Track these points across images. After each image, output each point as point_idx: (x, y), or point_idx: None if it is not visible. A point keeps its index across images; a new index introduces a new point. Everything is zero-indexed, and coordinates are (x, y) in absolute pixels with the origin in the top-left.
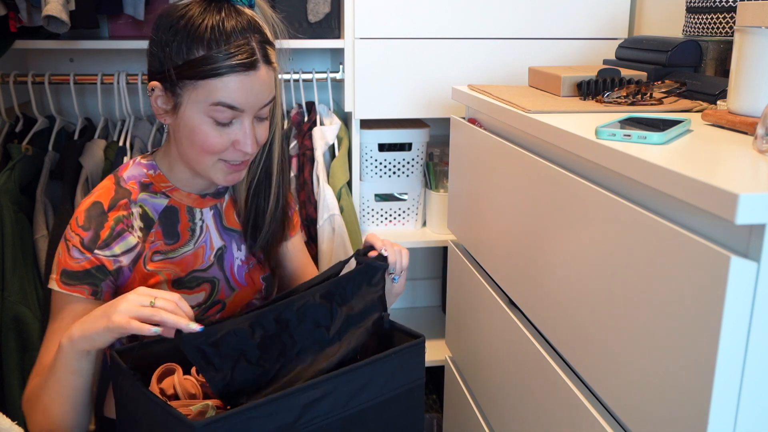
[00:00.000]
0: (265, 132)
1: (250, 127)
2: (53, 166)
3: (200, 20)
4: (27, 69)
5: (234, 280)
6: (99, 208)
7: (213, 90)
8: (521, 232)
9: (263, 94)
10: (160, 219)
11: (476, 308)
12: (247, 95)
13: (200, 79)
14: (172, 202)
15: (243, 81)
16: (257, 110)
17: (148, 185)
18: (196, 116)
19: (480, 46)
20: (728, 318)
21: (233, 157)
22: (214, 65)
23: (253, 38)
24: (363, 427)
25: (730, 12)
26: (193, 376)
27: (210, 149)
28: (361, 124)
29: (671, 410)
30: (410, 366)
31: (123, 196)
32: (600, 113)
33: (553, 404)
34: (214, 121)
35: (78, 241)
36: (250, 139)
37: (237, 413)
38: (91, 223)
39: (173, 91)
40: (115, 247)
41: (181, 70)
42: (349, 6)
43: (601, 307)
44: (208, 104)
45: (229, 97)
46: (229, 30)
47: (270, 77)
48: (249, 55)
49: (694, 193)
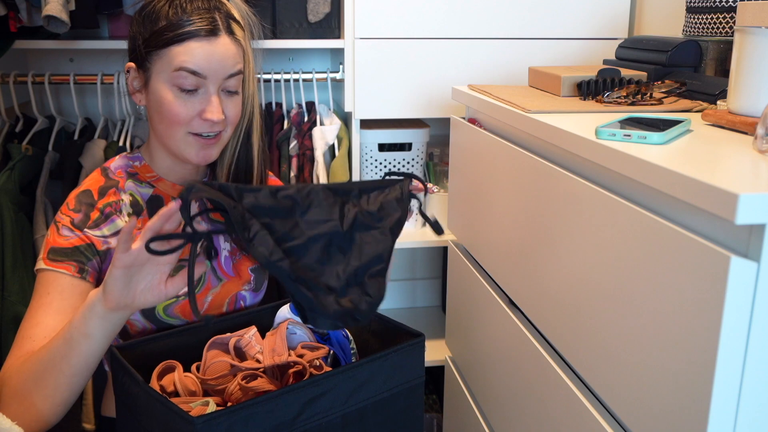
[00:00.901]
0: (236, 108)
1: (215, 95)
2: (53, 166)
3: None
4: (27, 69)
5: (221, 270)
6: (89, 194)
7: (175, 56)
8: (521, 232)
9: (226, 62)
10: (147, 207)
11: (476, 308)
12: (209, 61)
13: (163, 47)
14: (157, 191)
15: (204, 47)
16: (222, 80)
17: (134, 174)
18: (162, 87)
19: (480, 46)
20: (728, 318)
21: (201, 129)
22: (175, 31)
23: (217, 12)
24: (363, 424)
25: (730, 12)
26: (194, 373)
27: (176, 119)
28: (361, 124)
29: (671, 410)
30: (410, 364)
31: (111, 185)
32: (600, 113)
33: (553, 404)
34: (179, 88)
35: (68, 221)
36: (215, 107)
37: (237, 409)
38: (81, 206)
39: (144, 67)
40: (104, 228)
41: (147, 43)
42: (349, 6)
43: (601, 307)
44: (171, 71)
45: (191, 62)
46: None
47: (233, 49)
48: (209, 22)
49: (694, 193)
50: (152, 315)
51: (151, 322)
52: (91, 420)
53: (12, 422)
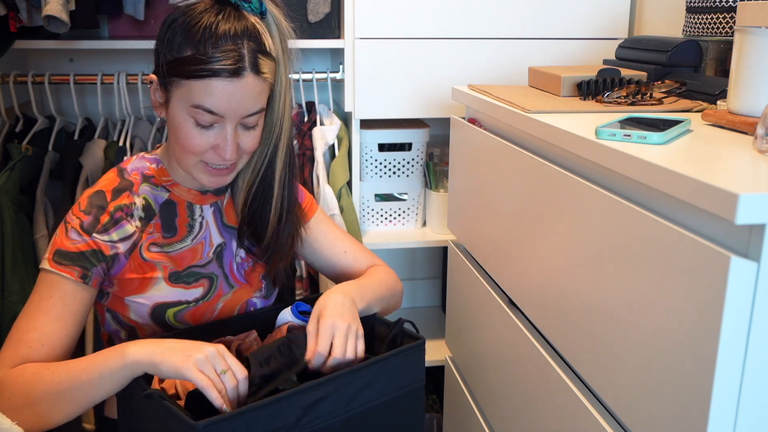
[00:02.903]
0: (253, 141)
1: (231, 134)
2: (53, 166)
3: (197, 20)
4: (27, 69)
5: (233, 277)
6: (102, 196)
7: (195, 91)
8: (521, 232)
9: (247, 102)
10: (161, 212)
11: (476, 308)
12: (229, 102)
13: (185, 78)
14: (172, 196)
15: (225, 87)
16: (241, 118)
17: (150, 177)
18: (180, 114)
19: (480, 46)
20: (728, 318)
21: (213, 161)
22: (198, 66)
23: (246, 45)
24: (364, 427)
25: (730, 12)
26: None
27: (189, 149)
28: (361, 124)
29: (671, 410)
30: (411, 367)
31: (126, 186)
32: (600, 113)
33: (553, 404)
34: (196, 122)
35: (78, 223)
36: (229, 145)
37: (239, 414)
38: (92, 209)
39: (165, 86)
40: (113, 233)
41: (170, 67)
42: (349, 6)
43: (601, 306)
44: (189, 105)
45: (209, 101)
46: (220, 33)
47: (258, 87)
48: (235, 61)
49: (694, 193)
50: (162, 320)
51: (161, 327)
52: (92, 420)
53: (12, 422)
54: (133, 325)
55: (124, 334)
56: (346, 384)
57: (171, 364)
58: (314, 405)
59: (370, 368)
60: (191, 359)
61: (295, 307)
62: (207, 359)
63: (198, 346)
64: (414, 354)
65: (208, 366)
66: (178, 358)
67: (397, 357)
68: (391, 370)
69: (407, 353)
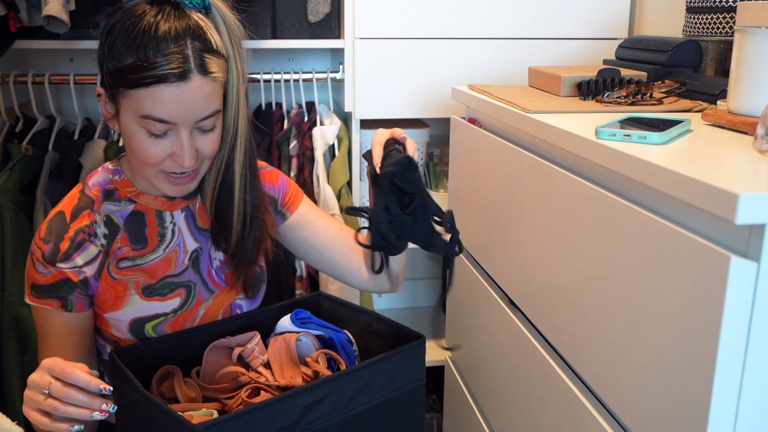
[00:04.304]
0: (212, 144)
1: (187, 140)
2: (53, 166)
3: (135, 24)
4: (27, 69)
5: (212, 282)
6: (61, 218)
7: (142, 100)
8: (521, 232)
9: (197, 106)
10: (126, 225)
11: (476, 308)
12: (178, 108)
13: (129, 87)
14: (138, 207)
15: (172, 92)
16: (195, 123)
17: (112, 192)
18: (131, 125)
19: (480, 46)
20: (728, 318)
21: (173, 169)
22: (141, 74)
23: (190, 45)
24: (364, 427)
25: (730, 12)
26: (193, 379)
27: (146, 160)
28: (361, 124)
29: (671, 410)
30: (411, 366)
31: (86, 205)
32: (600, 113)
33: (553, 404)
34: (148, 132)
35: (40, 255)
36: (186, 152)
37: (238, 415)
38: (51, 236)
39: (112, 98)
40: (77, 258)
41: (113, 77)
42: (349, 6)
43: (600, 306)
44: (139, 115)
45: (158, 110)
46: (161, 35)
47: (208, 88)
48: (180, 63)
49: (694, 193)
50: (142, 335)
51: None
52: None
53: (12, 422)
54: (117, 340)
55: (109, 348)
56: (345, 384)
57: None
58: (314, 405)
59: (370, 368)
60: (25, 404)
61: (294, 315)
62: (29, 393)
63: (29, 382)
64: (414, 353)
65: (33, 401)
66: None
67: (397, 356)
68: (391, 369)
69: (407, 352)
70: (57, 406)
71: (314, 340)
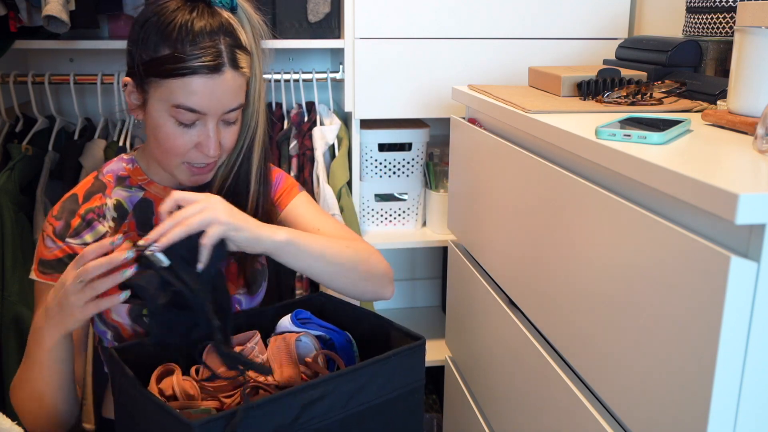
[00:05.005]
0: (233, 136)
1: (214, 131)
2: (53, 166)
3: (171, 18)
4: (27, 69)
5: None
6: (74, 199)
7: (175, 90)
8: (521, 232)
9: (227, 98)
10: (134, 211)
11: (476, 308)
12: (210, 99)
13: (163, 77)
14: (147, 194)
15: (206, 84)
16: (222, 115)
17: (124, 179)
18: (160, 115)
19: (480, 46)
20: (728, 318)
21: (196, 159)
22: (177, 65)
23: (223, 41)
24: (362, 427)
25: (730, 12)
26: (192, 377)
27: (172, 150)
28: (361, 124)
29: (671, 410)
30: (410, 367)
31: (98, 189)
32: (600, 113)
33: (553, 404)
34: (177, 121)
35: (51, 230)
36: (213, 142)
37: (235, 413)
38: (63, 213)
39: (142, 88)
40: (86, 235)
41: (147, 67)
42: (349, 6)
43: (600, 306)
44: (170, 105)
45: (191, 99)
46: (197, 30)
47: (237, 83)
48: (214, 57)
49: (694, 193)
50: (140, 319)
51: (140, 325)
52: (92, 420)
53: (12, 422)
54: (117, 325)
55: (110, 335)
56: (344, 383)
57: (62, 322)
58: (312, 404)
59: (369, 368)
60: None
61: (295, 315)
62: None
63: (58, 296)
64: (414, 354)
65: (77, 297)
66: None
67: (396, 357)
68: (390, 369)
69: (406, 353)
70: (96, 284)
71: (314, 340)
